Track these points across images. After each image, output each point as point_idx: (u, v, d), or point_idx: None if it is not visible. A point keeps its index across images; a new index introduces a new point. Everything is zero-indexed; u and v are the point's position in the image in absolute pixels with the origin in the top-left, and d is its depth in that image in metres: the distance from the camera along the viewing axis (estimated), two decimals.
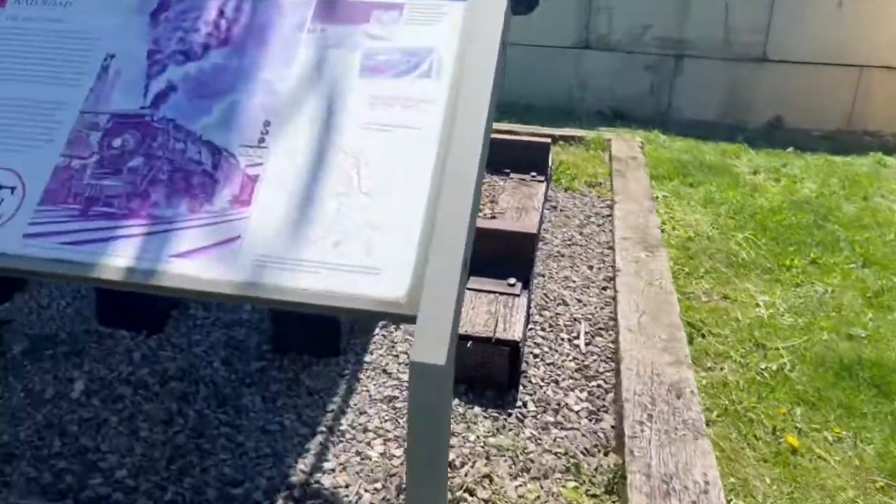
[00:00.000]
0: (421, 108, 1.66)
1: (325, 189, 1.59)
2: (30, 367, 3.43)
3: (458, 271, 1.44)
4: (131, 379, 3.35)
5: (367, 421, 3.18)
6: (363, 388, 3.30)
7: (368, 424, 3.16)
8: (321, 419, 3.20)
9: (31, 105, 1.78)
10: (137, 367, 3.40)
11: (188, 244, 1.56)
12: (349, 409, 3.22)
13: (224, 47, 1.81)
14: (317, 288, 1.48)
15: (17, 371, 3.36)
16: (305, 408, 3.25)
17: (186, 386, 3.32)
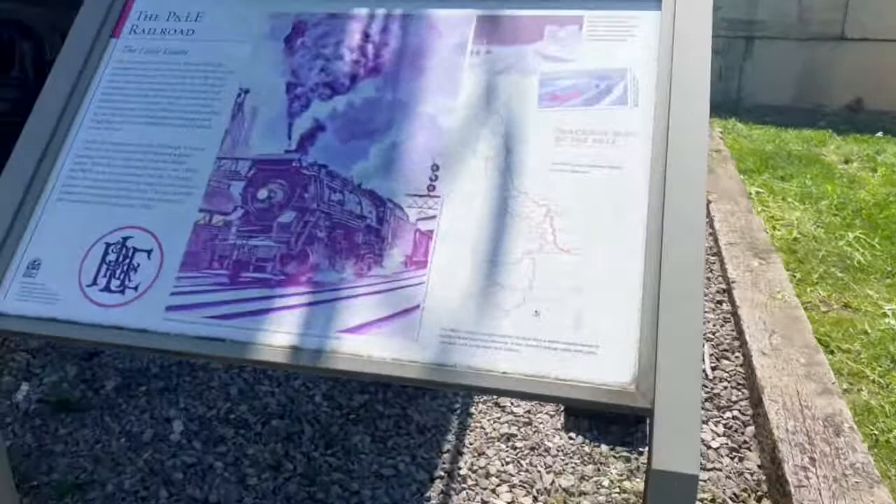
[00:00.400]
0: (619, 142, 1.40)
1: (515, 245, 1.33)
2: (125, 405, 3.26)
3: (698, 347, 1.17)
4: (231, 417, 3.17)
5: (487, 464, 2.94)
6: (476, 424, 3.07)
7: (489, 468, 2.92)
8: (437, 461, 2.96)
9: (160, 151, 1.56)
10: (235, 403, 3.22)
11: (359, 316, 1.32)
12: (465, 450, 2.99)
13: (375, 77, 1.57)
14: (519, 371, 1.24)
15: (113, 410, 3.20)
16: (418, 448, 3.03)
17: (290, 424, 3.13)
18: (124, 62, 1.69)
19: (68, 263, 1.48)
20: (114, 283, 1.44)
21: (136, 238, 1.48)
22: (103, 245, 1.48)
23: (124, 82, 1.67)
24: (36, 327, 1.42)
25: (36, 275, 1.48)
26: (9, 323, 1.43)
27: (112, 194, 1.54)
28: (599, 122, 1.42)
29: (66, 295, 1.45)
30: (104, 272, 1.45)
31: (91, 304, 1.43)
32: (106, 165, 1.57)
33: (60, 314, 1.43)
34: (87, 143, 1.61)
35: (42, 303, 1.45)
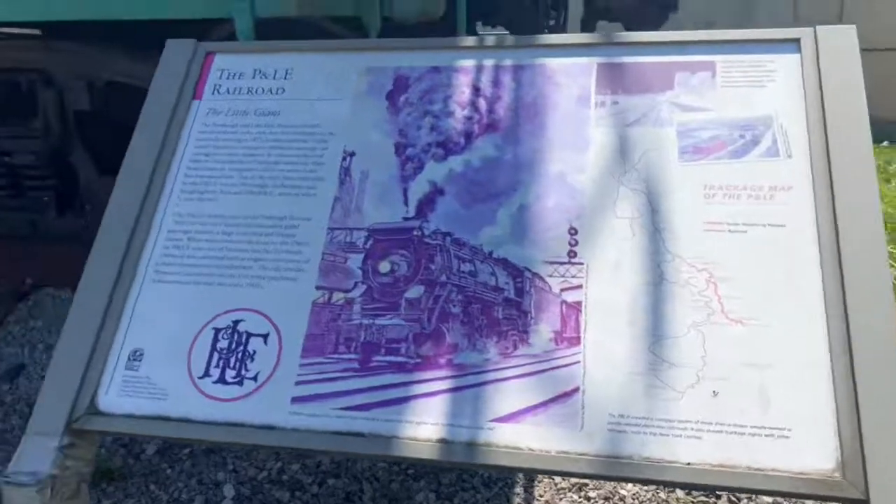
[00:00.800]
0: (778, 197, 1.29)
1: (678, 317, 1.22)
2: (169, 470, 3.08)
3: None
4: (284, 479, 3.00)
5: None
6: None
7: None
8: None
9: (264, 224, 1.43)
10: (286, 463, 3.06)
11: (511, 403, 1.20)
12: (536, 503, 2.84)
13: (492, 133, 1.45)
14: (705, 461, 1.11)
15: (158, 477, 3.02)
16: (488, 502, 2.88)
17: (347, 483, 2.96)
18: (210, 126, 1.57)
19: (174, 353, 1.34)
20: (229, 374, 1.30)
21: (249, 321, 1.34)
22: (212, 331, 1.35)
23: (213, 148, 1.54)
24: (145, 428, 1.28)
25: (139, 367, 1.34)
26: (114, 423, 1.29)
27: (215, 273, 1.41)
28: (752, 176, 1.31)
29: (176, 389, 1.31)
30: (216, 361, 1.32)
31: (206, 398, 1.29)
32: (204, 241, 1.44)
33: (172, 411, 1.29)
34: (180, 217, 1.48)
35: (149, 399, 1.31)
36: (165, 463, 3.14)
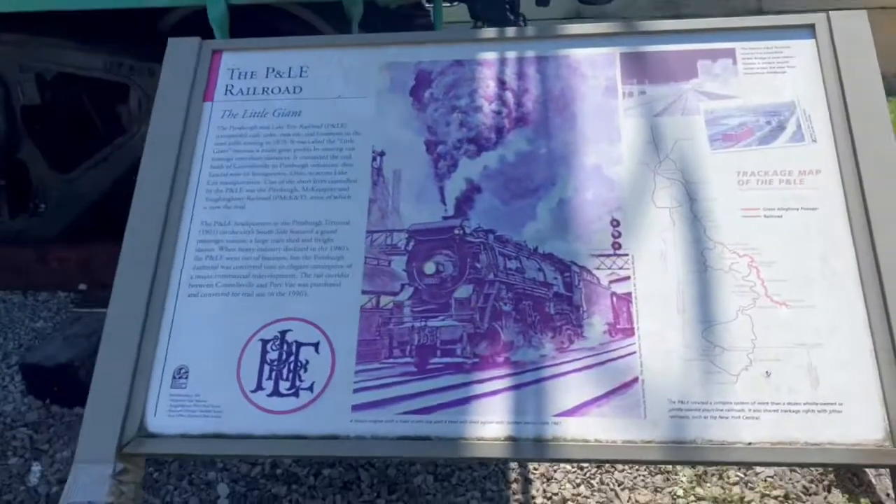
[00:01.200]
0: (808, 181, 1.34)
1: (726, 302, 1.26)
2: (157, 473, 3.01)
3: None
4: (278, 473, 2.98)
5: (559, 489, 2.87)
6: None
7: (563, 493, 2.84)
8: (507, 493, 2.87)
9: (299, 230, 1.40)
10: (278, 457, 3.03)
11: (573, 396, 1.22)
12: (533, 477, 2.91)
13: (523, 127, 1.45)
14: (765, 440, 1.17)
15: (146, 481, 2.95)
16: (485, 481, 2.92)
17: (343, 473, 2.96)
18: (228, 129, 1.51)
19: (222, 368, 1.31)
20: (283, 386, 1.28)
21: (297, 331, 1.32)
22: (259, 343, 1.32)
23: (233, 152, 1.49)
24: (202, 447, 1.25)
25: (186, 385, 1.31)
26: (167, 445, 1.26)
27: (254, 283, 1.38)
28: (781, 162, 1.36)
29: (229, 405, 1.28)
30: (268, 374, 1.29)
31: (261, 412, 1.27)
32: (237, 251, 1.40)
33: (228, 428, 1.26)
34: (207, 226, 1.43)
35: (202, 417, 1.28)
36: (151, 467, 3.06)
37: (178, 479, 2.89)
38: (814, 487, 2.63)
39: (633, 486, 2.79)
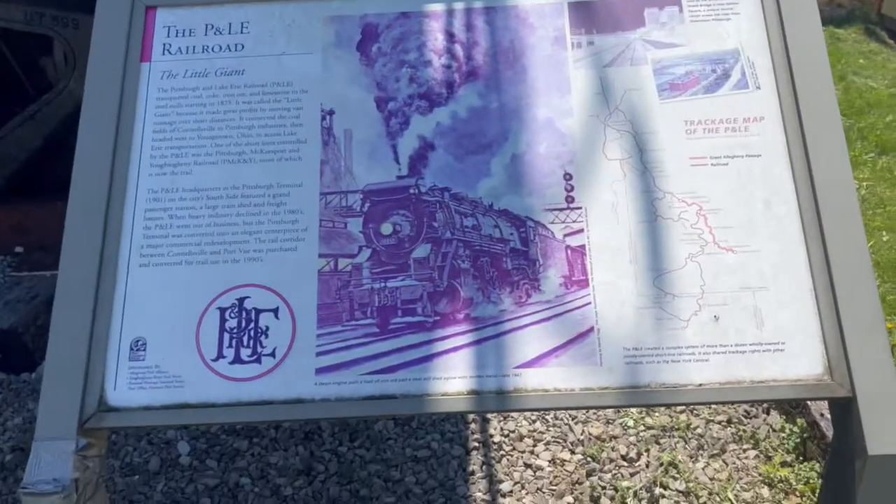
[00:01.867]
0: (752, 129, 1.38)
1: (676, 251, 1.31)
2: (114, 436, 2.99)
3: (883, 326, 1.21)
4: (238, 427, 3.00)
5: (516, 426, 2.97)
6: None
7: (520, 430, 2.95)
8: (466, 433, 2.96)
9: (250, 194, 1.37)
10: None
11: (532, 348, 1.26)
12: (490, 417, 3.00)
13: (474, 81, 1.44)
14: (714, 381, 1.23)
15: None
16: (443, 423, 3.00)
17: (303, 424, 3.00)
18: (168, 91, 1.46)
19: (180, 338, 1.30)
20: (244, 353, 1.28)
21: (255, 297, 1.31)
22: (216, 311, 1.31)
23: (175, 115, 1.44)
24: (166, 418, 1.24)
25: (144, 357, 1.29)
26: (130, 418, 1.25)
27: (207, 251, 1.35)
28: (726, 110, 1.39)
29: (191, 375, 1.27)
30: (228, 342, 1.29)
31: (225, 380, 1.27)
32: (188, 218, 1.37)
33: (192, 398, 1.26)
34: (154, 194, 1.40)
35: (165, 388, 1.27)
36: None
37: (137, 439, 2.88)
38: (754, 411, 2.77)
39: (585, 419, 2.89)
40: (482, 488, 2.59)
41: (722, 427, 2.79)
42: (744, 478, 2.52)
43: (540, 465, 2.67)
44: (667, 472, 2.59)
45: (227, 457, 2.83)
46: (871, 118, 5.25)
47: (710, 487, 2.45)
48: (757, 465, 2.53)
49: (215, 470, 2.73)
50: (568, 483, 2.55)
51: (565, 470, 2.65)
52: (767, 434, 2.53)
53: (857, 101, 5.59)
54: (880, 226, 3.94)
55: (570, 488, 2.52)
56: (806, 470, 2.38)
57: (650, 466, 2.59)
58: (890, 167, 4.59)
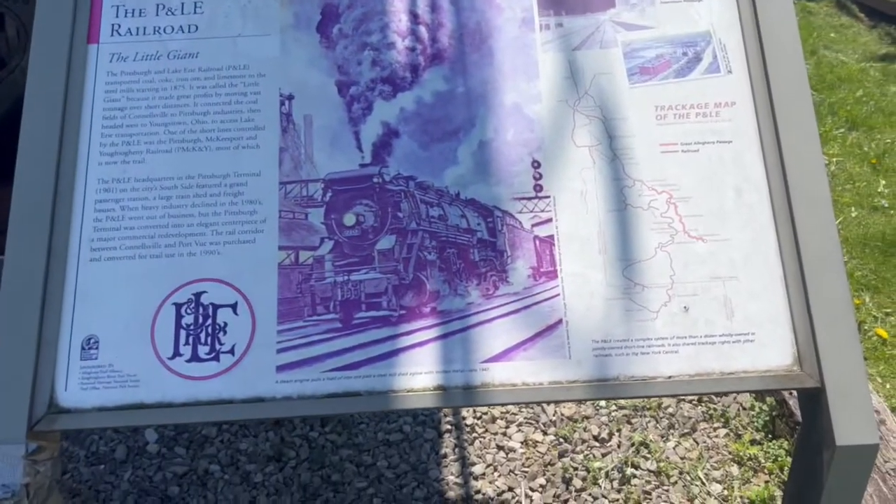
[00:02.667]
0: (723, 114, 1.35)
1: (643, 240, 1.28)
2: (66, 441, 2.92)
3: (853, 320, 1.20)
4: None
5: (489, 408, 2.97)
6: None
7: (493, 412, 2.95)
8: (439, 416, 2.95)
9: (206, 184, 1.32)
10: None
11: (499, 342, 1.23)
12: None
13: (438, 65, 1.39)
14: (684, 373, 1.22)
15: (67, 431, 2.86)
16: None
17: None
18: (118, 74, 1.38)
19: (135, 336, 1.25)
20: (202, 351, 1.23)
21: (212, 292, 1.26)
22: (172, 307, 1.26)
23: (126, 101, 1.37)
24: (121, 419, 1.20)
25: (97, 355, 1.24)
26: (82, 420, 1.20)
27: (161, 244, 1.29)
28: (697, 94, 1.36)
29: (146, 374, 1.23)
30: (185, 339, 1.24)
31: (182, 379, 1.22)
32: (141, 209, 1.31)
33: (148, 398, 1.21)
34: (105, 184, 1.33)
35: (118, 388, 1.22)
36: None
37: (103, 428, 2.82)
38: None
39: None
40: (454, 471, 2.59)
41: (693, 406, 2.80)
42: (714, 456, 2.54)
43: (512, 447, 2.67)
44: (638, 451, 2.60)
45: (195, 444, 2.79)
46: (841, 93, 5.27)
47: (681, 466, 2.46)
48: (727, 443, 2.55)
49: (184, 457, 2.69)
50: (540, 464, 2.55)
51: (538, 451, 2.65)
52: (737, 412, 2.55)
53: (828, 75, 5.61)
54: (849, 202, 3.97)
55: (542, 470, 2.53)
56: (775, 448, 2.40)
57: (622, 446, 2.60)
58: (860, 142, 4.61)
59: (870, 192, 4.17)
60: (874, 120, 4.94)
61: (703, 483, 2.33)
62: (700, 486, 2.33)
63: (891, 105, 5.04)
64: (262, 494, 2.49)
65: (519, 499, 2.45)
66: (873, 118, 4.94)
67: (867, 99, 5.16)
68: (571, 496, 2.34)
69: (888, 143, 4.56)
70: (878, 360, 3.05)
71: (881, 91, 5.26)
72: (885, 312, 3.28)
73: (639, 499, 2.29)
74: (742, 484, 2.34)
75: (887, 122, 4.83)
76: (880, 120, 4.87)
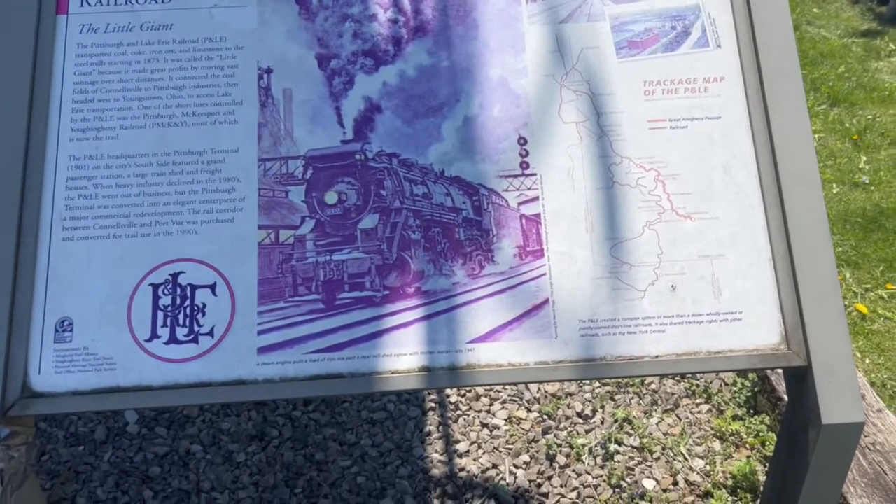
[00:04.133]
0: (712, 89, 1.32)
1: (631, 218, 1.26)
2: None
3: (839, 297, 1.20)
4: None
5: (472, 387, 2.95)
6: None
7: (477, 390, 2.95)
8: (423, 394, 2.95)
9: (182, 160, 1.27)
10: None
11: (485, 322, 1.21)
12: None
13: (422, 38, 1.35)
14: (671, 352, 1.20)
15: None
16: None
17: None
18: (89, 47, 1.33)
19: (110, 317, 1.21)
20: (180, 332, 1.20)
21: (190, 272, 1.23)
22: (149, 288, 1.22)
23: (98, 74, 1.32)
24: (97, 404, 1.16)
25: (71, 338, 1.20)
26: (57, 404, 1.17)
27: (136, 223, 1.25)
28: (686, 70, 1.33)
29: (122, 357, 1.19)
30: (162, 321, 1.21)
31: (160, 361, 1.19)
32: (115, 187, 1.27)
33: (125, 381, 1.18)
34: (77, 161, 1.28)
35: (94, 371, 1.19)
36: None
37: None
38: None
39: None
40: (439, 449, 2.58)
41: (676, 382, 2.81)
42: (696, 432, 2.55)
43: (496, 424, 2.67)
44: (621, 428, 2.61)
45: (176, 424, 2.77)
46: (823, 69, 5.27)
47: (664, 442, 2.48)
48: (709, 419, 2.56)
49: (165, 438, 2.67)
50: (524, 441, 2.55)
51: (521, 428, 2.65)
52: (720, 388, 2.56)
53: (811, 51, 5.61)
54: (830, 178, 3.99)
55: (526, 447, 2.53)
56: (756, 423, 2.42)
57: (605, 423, 2.61)
58: (841, 119, 4.63)
59: (851, 168, 4.19)
60: (856, 96, 4.95)
61: (685, 458, 2.34)
62: (682, 462, 2.35)
63: (872, 81, 5.06)
64: (245, 474, 2.48)
65: (503, 476, 2.45)
66: (855, 94, 4.95)
67: (849, 75, 5.17)
68: (555, 473, 2.35)
69: (869, 120, 4.58)
70: (858, 335, 3.08)
71: (863, 67, 5.28)
72: (865, 288, 3.31)
73: (622, 474, 2.29)
74: (724, 459, 2.35)
75: (869, 98, 4.85)
76: (862, 96, 4.88)
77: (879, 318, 3.20)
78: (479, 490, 2.41)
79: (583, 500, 2.27)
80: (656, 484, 2.28)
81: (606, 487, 2.27)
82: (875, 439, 1.96)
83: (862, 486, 1.79)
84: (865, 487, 1.79)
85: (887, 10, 5.83)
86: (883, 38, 5.70)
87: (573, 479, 2.33)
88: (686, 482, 2.29)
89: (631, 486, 2.29)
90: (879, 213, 3.80)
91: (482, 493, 2.27)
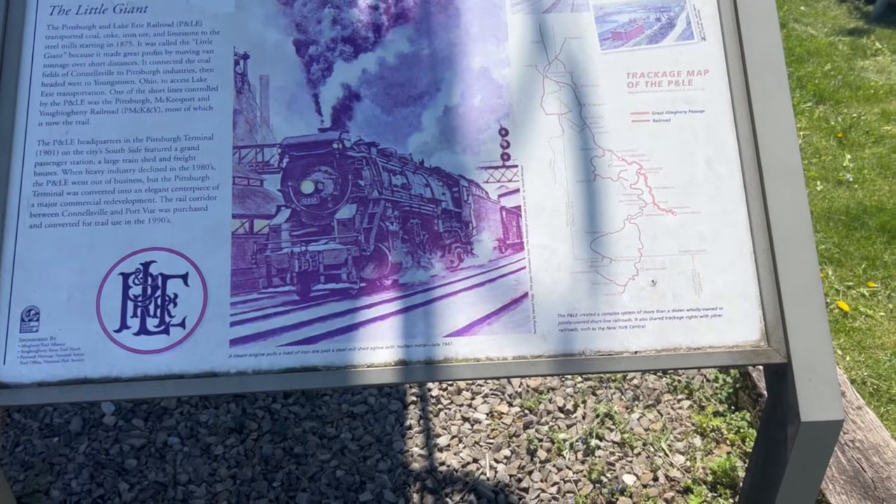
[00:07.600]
0: (696, 82, 1.31)
1: (614, 212, 1.24)
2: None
3: (820, 294, 1.19)
4: None
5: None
6: None
7: (458, 384, 2.93)
8: (403, 387, 2.93)
9: (155, 147, 1.24)
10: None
11: (463, 315, 1.19)
12: None
13: (404, 25, 1.32)
14: (651, 348, 1.19)
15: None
16: None
17: None
18: (60, 29, 1.29)
19: (78, 307, 1.18)
20: (151, 323, 1.17)
21: (161, 262, 1.20)
22: (119, 277, 1.19)
23: (69, 57, 1.28)
24: (64, 395, 1.13)
25: (37, 328, 1.17)
26: (24, 396, 1.14)
27: (107, 210, 1.22)
28: (670, 62, 1.31)
29: (91, 347, 1.16)
30: (133, 311, 1.18)
31: (130, 352, 1.16)
32: (85, 173, 1.23)
33: (93, 372, 1.15)
34: (46, 146, 1.25)
35: (61, 362, 1.16)
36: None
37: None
38: None
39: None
40: (419, 443, 2.57)
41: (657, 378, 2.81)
42: (677, 428, 2.55)
43: (478, 419, 2.66)
44: (603, 423, 2.60)
45: (154, 416, 2.73)
46: (809, 67, 5.28)
47: (645, 438, 2.47)
48: (690, 414, 2.56)
49: (142, 429, 2.63)
50: (505, 436, 2.54)
51: (503, 423, 2.64)
52: (701, 384, 2.56)
53: (797, 49, 5.62)
54: (815, 175, 4.00)
55: (507, 441, 2.52)
56: (737, 419, 2.42)
57: (586, 418, 2.60)
58: (826, 116, 4.64)
59: (835, 166, 4.20)
60: (841, 94, 4.96)
61: (666, 454, 2.34)
62: (663, 457, 2.34)
63: (858, 80, 5.08)
64: (223, 467, 2.45)
65: (483, 470, 2.44)
66: (840, 92, 4.96)
67: (835, 73, 5.19)
68: (536, 467, 2.33)
69: (854, 118, 4.60)
70: (839, 332, 3.09)
71: (849, 65, 5.29)
72: (847, 286, 3.32)
73: (602, 470, 2.29)
74: (704, 455, 2.35)
75: (854, 96, 4.86)
76: (847, 94, 4.90)
77: (861, 315, 3.21)
78: (459, 484, 2.39)
79: (563, 494, 2.26)
80: (636, 479, 2.28)
81: (587, 482, 2.26)
82: (854, 436, 1.96)
83: (841, 483, 1.79)
84: (844, 484, 1.79)
85: (874, 9, 5.85)
86: (869, 37, 5.72)
87: (553, 473, 2.32)
88: (666, 478, 2.28)
89: (611, 481, 2.28)
90: (863, 211, 3.81)
91: (462, 488, 2.25)
